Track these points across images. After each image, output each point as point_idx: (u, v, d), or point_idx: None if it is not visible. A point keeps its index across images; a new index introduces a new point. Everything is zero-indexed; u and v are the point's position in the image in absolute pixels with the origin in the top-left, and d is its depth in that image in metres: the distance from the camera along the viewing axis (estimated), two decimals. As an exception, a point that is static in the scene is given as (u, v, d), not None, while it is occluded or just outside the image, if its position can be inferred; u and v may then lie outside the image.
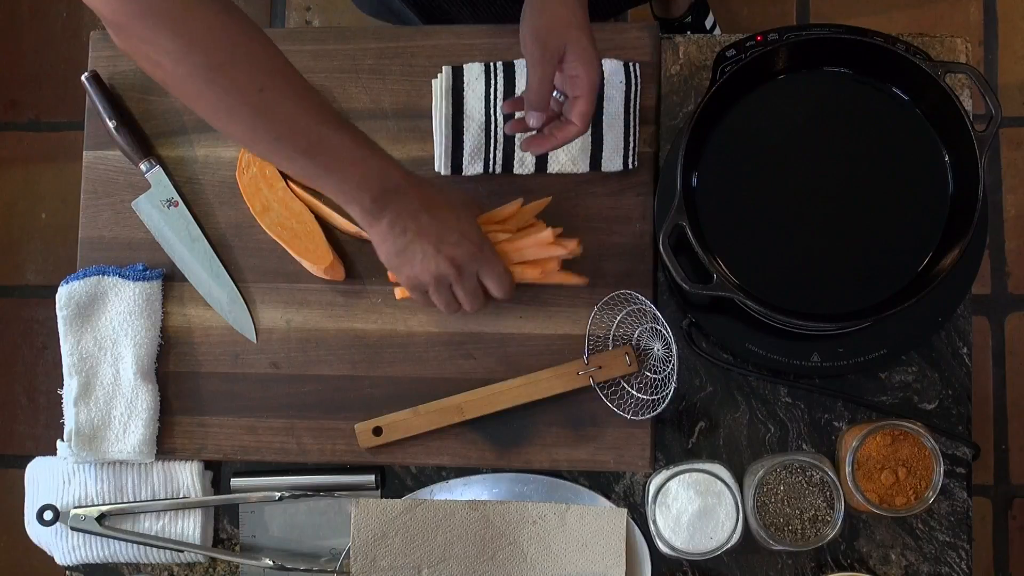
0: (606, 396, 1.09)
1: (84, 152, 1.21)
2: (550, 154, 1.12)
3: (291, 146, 0.94)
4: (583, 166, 1.12)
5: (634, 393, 1.10)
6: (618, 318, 1.10)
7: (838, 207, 1.01)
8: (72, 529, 1.14)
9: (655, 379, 1.09)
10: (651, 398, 1.09)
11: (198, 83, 0.89)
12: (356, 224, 1.05)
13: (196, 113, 0.93)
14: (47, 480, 1.16)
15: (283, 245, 1.14)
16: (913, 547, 1.10)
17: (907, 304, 0.97)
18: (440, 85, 1.14)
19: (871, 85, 1.02)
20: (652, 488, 1.06)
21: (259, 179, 1.15)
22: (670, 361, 1.08)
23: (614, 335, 1.11)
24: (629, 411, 1.09)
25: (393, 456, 1.13)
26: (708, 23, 1.95)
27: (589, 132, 1.12)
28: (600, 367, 1.09)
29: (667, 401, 1.08)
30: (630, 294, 1.10)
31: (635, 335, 1.10)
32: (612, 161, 1.12)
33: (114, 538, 1.14)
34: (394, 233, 0.98)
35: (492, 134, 1.13)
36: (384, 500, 1.12)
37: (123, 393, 1.14)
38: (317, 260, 1.12)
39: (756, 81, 1.03)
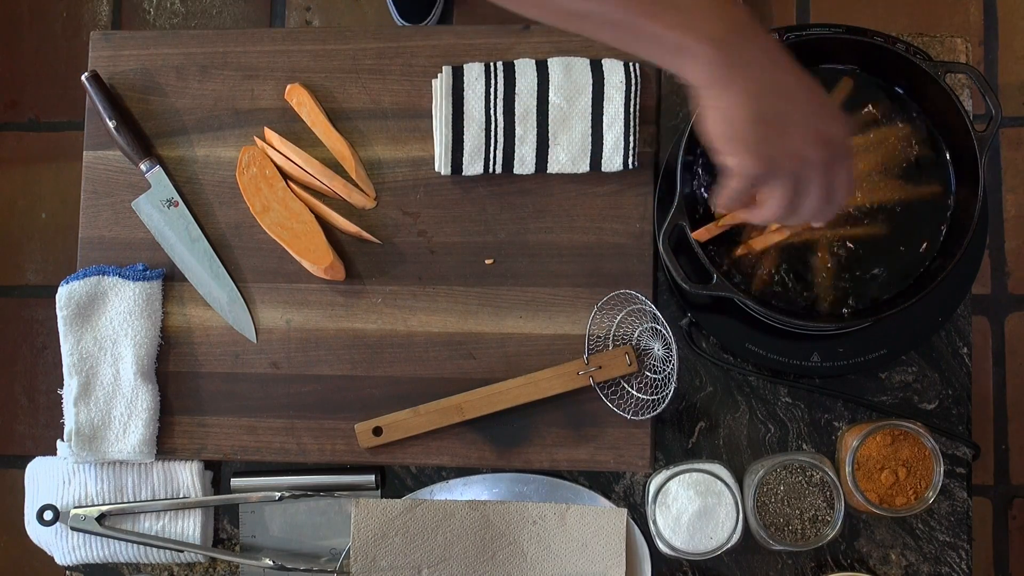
0: (606, 396, 1.09)
1: (84, 152, 1.21)
2: (550, 154, 1.12)
3: None
4: (583, 166, 1.12)
5: (634, 393, 1.10)
6: (618, 318, 1.10)
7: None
8: (72, 529, 1.14)
9: (655, 379, 1.09)
10: (651, 398, 1.09)
11: None
12: (694, 88, 0.76)
13: None
14: (47, 480, 1.16)
15: (283, 245, 1.14)
16: (913, 547, 1.10)
17: (907, 304, 0.97)
18: (440, 85, 1.14)
19: (871, 85, 1.02)
20: (652, 488, 1.06)
21: (259, 179, 1.15)
22: (670, 361, 1.08)
23: (614, 335, 1.11)
24: (629, 411, 1.09)
25: (393, 456, 1.13)
26: None
27: (589, 132, 1.12)
28: (600, 367, 1.09)
29: (667, 401, 1.08)
30: (630, 294, 1.10)
31: (635, 335, 1.10)
32: (612, 161, 1.12)
33: (114, 538, 1.14)
34: (761, 91, 0.73)
35: (492, 134, 1.13)
36: (384, 500, 1.12)
37: (123, 393, 1.14)
38: (317, 260, 1.12)
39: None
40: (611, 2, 0.72)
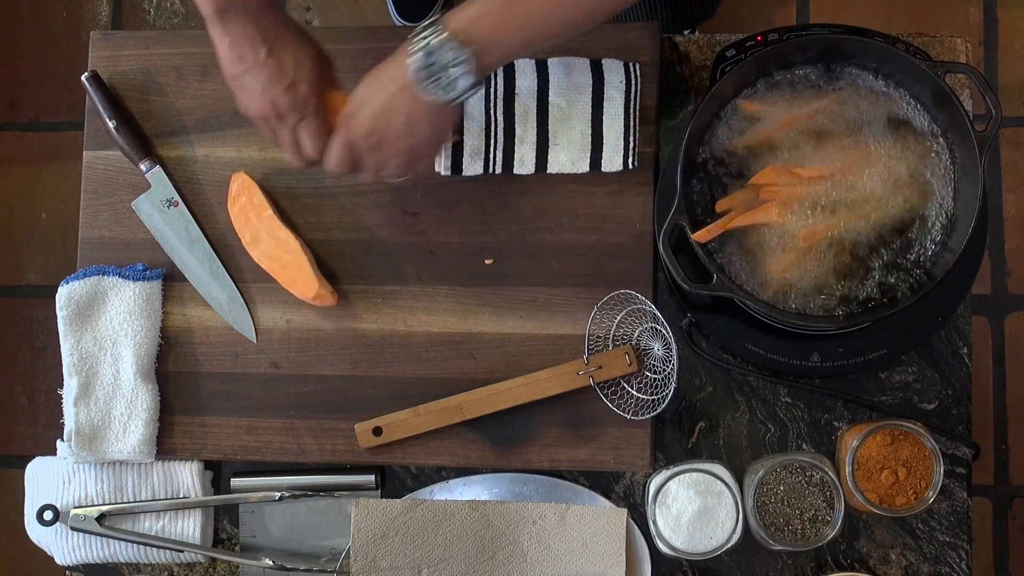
0: (606, 396, 1.09)
1: (84, 152, 1.21)
2: (550, 154, 1.12)
3: None
4: (583, 166, 1.12)
5: (634, 393, 1.10)
6: (618, 318, 1.10)
7: (836, 204, 1.01)
8: (72, 529, 1.14)
9: (655, 379, 1.09)
10: (651, 398, 1.09)
11: None
12: None
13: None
14: (47, 480, 1.16)
15: (273, 276, 1.14)
16: (913, 547, 1.10)
17: (907, 304, 0.97)
18: (440, 85, 1.14)
19: (871, 84, 1.02)
20: (652, 488, 1.06)
21: (248, 208, 1.14)
22: (670, 361, 1.08)
23: (614, 335, 1.11)
24: (629, 411, 1.09)
25: (393, 456, 1.13)
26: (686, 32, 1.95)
27: (589, 132, 1.12)
28: (600, 367, 1.09)
29: (667, 401, 1.08)
30: (630, 294, 1.10)
31: (635, 335, 1.10)
32: (612, 161, 1.12)
33: (114, 538, 1.14)
34: (232, 57, 0.97)
35: (492, 134, 1.13)
36: (384, 500, 1.12)
37: (123, 393, 1.14)
38: (303, 291, 1.12)
39: (756, 81, 1.03)
40: None
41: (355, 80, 1.17)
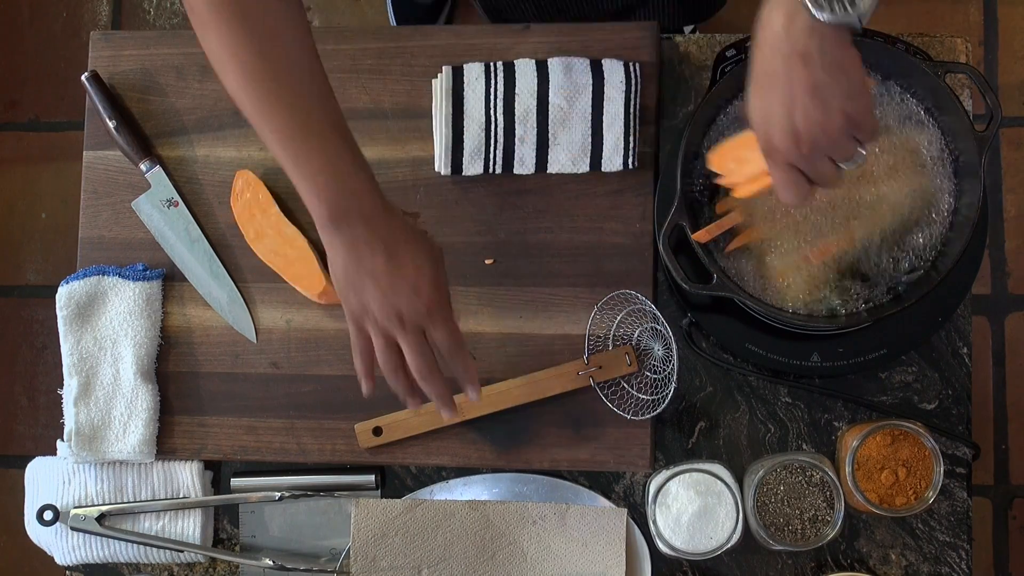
0: (606, 396, 1.09)
1: (84, 152, 1.21)
2: (550, 154, 1.12)
3: (271, 120, 0.89)
4: (583, 166, 1.12)
5: (634, 393, 1.10)
6: (618, 318, 1.10)
7: (837, 206, 1.01)
8: (72, 529, 1.14)
9: (655, 379, 1.09)
10: (651, 398, 1.09)
11: (221, 13, 0.87)
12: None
13: (203, 48, 0.90)
14: (47, 480, 1.16)
15: (278, 272, 1.14)
16: (913, 547, 1.10)
17: (907, 304, 0.97)
18: (440, 85, 1.14)
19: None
20: (652, 488, 1.06)
21: (252, 205, 1.14)
22: (670, 361, 1.08)
23: (614, 335, 1.11)
24: (629, 411, 1.09)
25: (393, 456, 1.13)
26: (687, 27, 1.95)
27: (589, 132, 1.12)
28: (600, 367, 1.09)
29: (667, 401, 1.08)
30: (630, 294, 1.10)
31: (635, 335, 1.10)
32: (612, 161, 1.12)
33: (114, 538, 1.14)
34: (345, 263, 0.91)
35: (492, 134, 1.13)
36: (384, 500, 1.12)
37: (123, 393, 1.14)
38: (310, 287, 1.12)
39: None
40: (272, 138, 0.89)
41: (355, 81, 1.17)
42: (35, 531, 1.16)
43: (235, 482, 1.15)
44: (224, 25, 0.87)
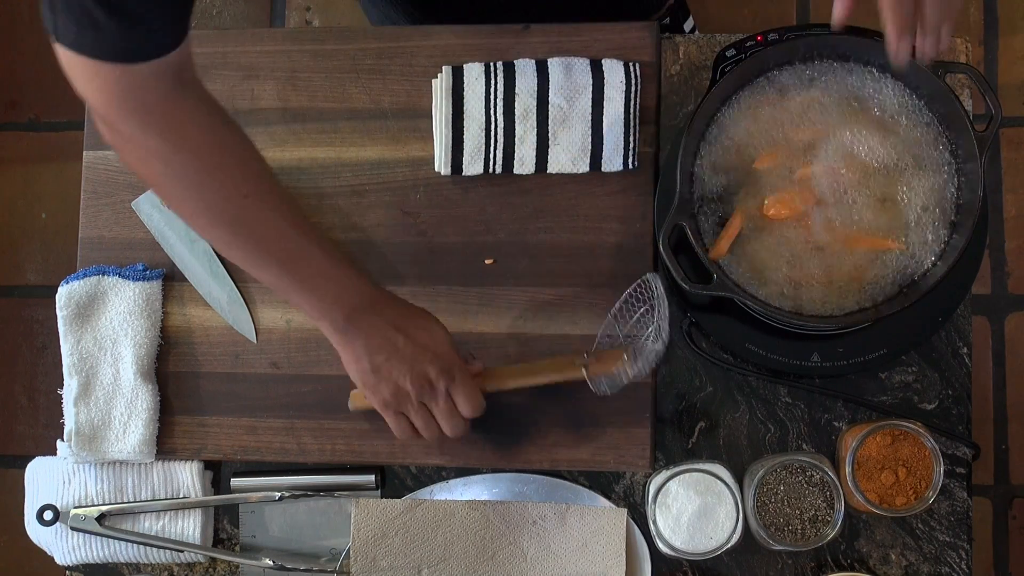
0: (598, 388, 1.05)
1: (84, 152, 1.21)
2: (550, 154, 1.12)
3: (269, 256, 0.95)
4: (583, 166, 1.12)
5: (625, 381, 1.04)
6: (631, 321, 1.06)
7: (837, 205, 1.01)
8: (72, 529, 1.14)
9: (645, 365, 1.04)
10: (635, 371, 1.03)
11: (185, 185, 0.90)
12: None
13: (177, 215, 0.95)
14: (47, 480, 1.16)
15: None
16: (913, 547, 1.10)
17: (907, 304, 0.97)
18: (440, 85, 1.14)
19: (871, 85, 1.02)
20: (652, 488, 1.06)
21: None
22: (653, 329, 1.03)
23: (624, 335, 1.08)
24: (611, 387, 1.04)
25: (393, 456, 1.13)
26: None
27: (589, 132, 1.12)
28: (598, 360, 1.06)
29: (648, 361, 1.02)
30: (647, 283, 1.04)
31: (644, 336, 1.06)
32: (612, 161, 1.12)
33: (114, 538, 1.14)
34: (368, 352, 0.97)
35: (492, 134, 1.13)
36: (384, 500, 1.12)
37: (123, 393, 1.14)
38: None
39: (753, 81, 1.03)
40: (276, 277, 0.97)
41: (355, 80, 1.17)
42: (35, 531, 1.16)
43: (235, 482, 1.15)
44: (202, 186, 0.91)
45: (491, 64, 1.14)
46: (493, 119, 1.13)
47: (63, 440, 1.14)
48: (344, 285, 0.97)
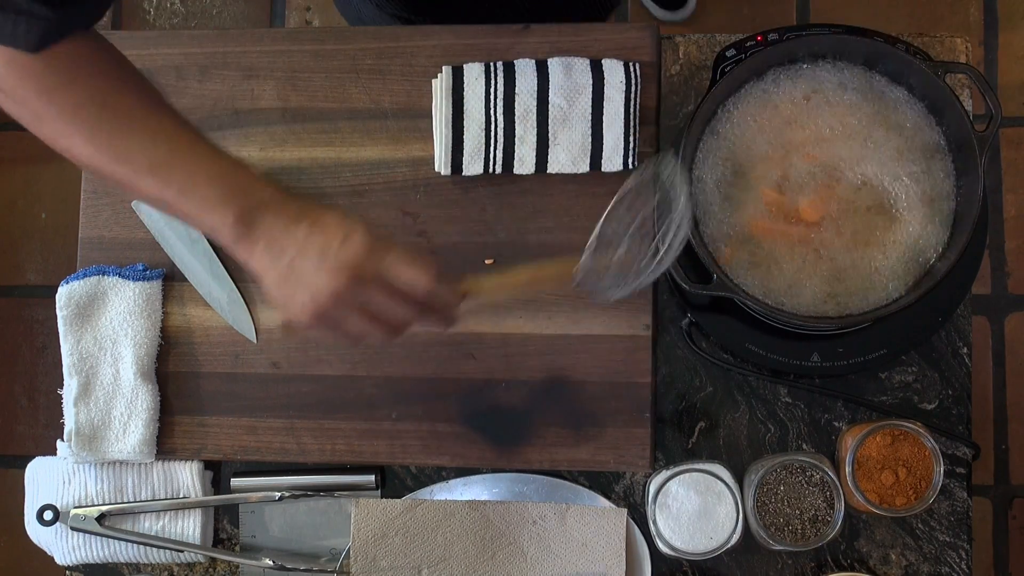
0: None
1: (84, 152, 1.21)
2: (550, 154, 1.12)
3: (136, 165, 0.85)
4: (583, 166, 1.12)
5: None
6: (634, 224, 0.94)
7: (837, 207, 1.01)
8: (72, 529, 1.14)
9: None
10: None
11: (40, 99, 0.85)
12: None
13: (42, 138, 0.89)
14: (47, 480, 1.16)
15: None
16: (913, 547, 1.10)
17: (907, 304, 0.97)
18: (440, 85, 1.14)
19: (871, 85, 1.02)
20: (652, 488, 1.06)
21: None
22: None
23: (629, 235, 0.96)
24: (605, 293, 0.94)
25: (393, 456, 1.13)
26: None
27: (589, 132, 1.12)
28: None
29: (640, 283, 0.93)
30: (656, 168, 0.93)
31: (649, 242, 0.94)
32: (612, 161, 1.12)
33: (114, 538, 1.14)
34: (272, 257, 0.83)
35: (492, 134, 1.13)
36: (384, 500, 1.12)
37: (123, 393, 1.14)
38: None
39: (753, 81, 1.03)
40: (152, 189, 0.85)
41: (355, 80, 1.17)
42: (35, 531, 1.16)
43: (235, 482, 1.15)
44: (53, 97, 0.85)
45: (491, 64, 1.14)
46: (493, 119, 1.13)
47: (63, 440, 1.14)
48: (229, 184, 0.84)
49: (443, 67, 1.14)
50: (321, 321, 0.84)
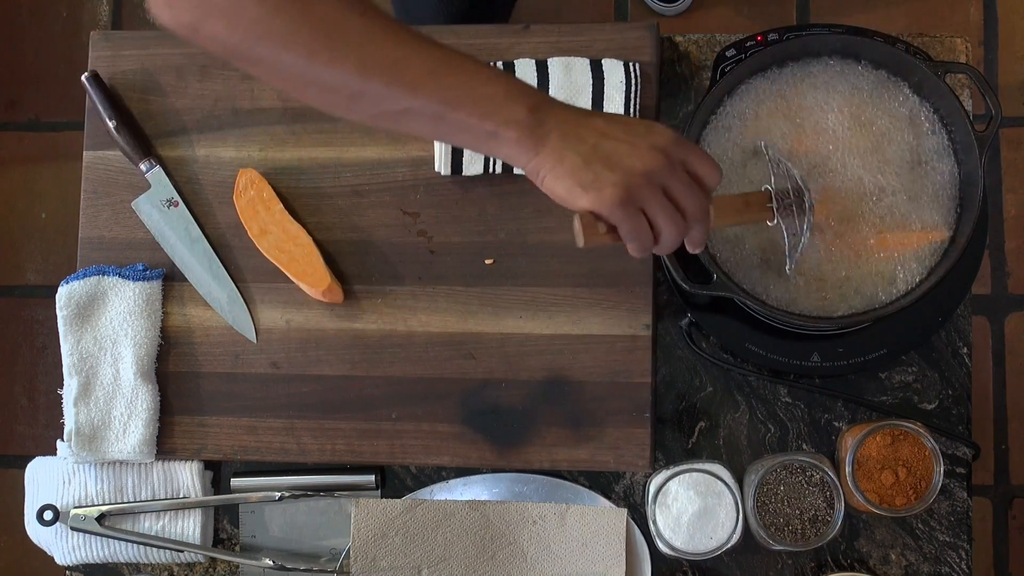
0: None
1: (84, 152, 1.21)
2: (550, 154, 1.12)
3: (412, 73, 0.80)
4: (583, 166, 1.12)
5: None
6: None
7: (837, 207, 1.01)
8: (72, 529, 1.14)
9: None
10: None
11: (285, 20, 0.78)
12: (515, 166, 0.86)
13: (270, 79, 0.83)
14: (47, 480, 1.16)
15: (281, 269, 1.13)
16: (913, 547, 1.10)
17: (907, 304, 0.97)
18: (440, 85, 1.14)
19: (871, 85, 1.02)
20: (652, 488, 1.06)
21: (256, 202, 1.14)
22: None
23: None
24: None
25: (393, 456, 1.13)
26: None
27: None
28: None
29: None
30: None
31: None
32: (612, 161, 1.12)
33: (114, 538, 1.14)
34: (570, 144, 0.80)
35: (492, 134, 1.13)
36: (384, 500, 1.12)
37: (123, 393, 1.14)
38: (315, 283, 1.12)
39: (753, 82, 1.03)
40: (428, 98, 0.80)
41: (355, 80, 1.17)
42: (35, 531, 1.16)
43: (235, 482, 1.15)
44: (304, 14, 0.79)
45: (491, 64, 1.14)
46: (493, 119, 1.13)
47: (63, 440, 1.14)
48: (508, 83, 0.81)
49: (443, 67, 1.14)
50: (631, 199, 0.80)
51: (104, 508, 1.14)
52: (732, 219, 0.95)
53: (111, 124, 1.17)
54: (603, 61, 1.13)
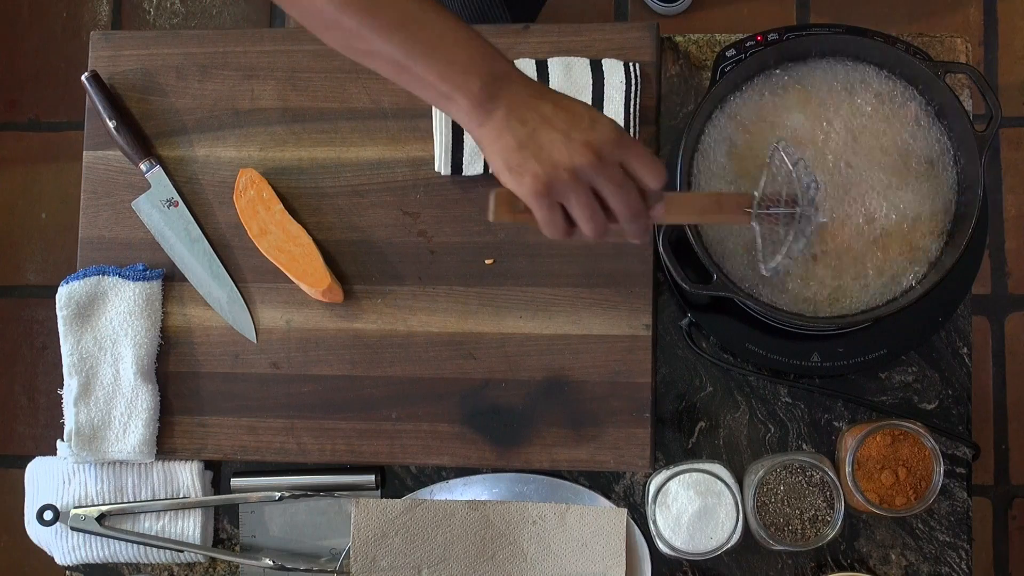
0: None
1: (84, 152, 1.21)
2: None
3: (386, 18, 0.82)
4: (583, 166, 1.12)
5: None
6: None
7: (837, 207, 1.01)
8: (72, 529, 1.14)
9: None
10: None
11: None
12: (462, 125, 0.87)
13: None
14: (47, 480, 1.16)
15: (281, 269, 1.13)
16: (913, 547, 1.10)
17: (907, 304, 0.97)
18: (440, 85, 1.14)
19: (871, 85, 1.02)
20: (652, 488, 1.06)
21: (256, 202, 1.14)
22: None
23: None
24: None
25: (393, 456, 1.13)
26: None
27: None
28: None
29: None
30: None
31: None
32: (612, 161, 1.12)
33: (114, 538, 1.14)
34: (511, 125, 0.82)
35: (492, 134, 1.13)
36: (384, 500, 1.12)
37: (123, 393, 1.14)
38: (315, 283, 1.12)
39: (753, 81, 1.03)
40: (395, 46, 0.83)
41: (355, 80, 1.17)
42: (35, 531, 1.16)
43: (235, 482, 1.15)
44: None
45: (491, 64, 1.14)
46: (493, 119, 1.13)
47: (63, 440, 1.14)
48: (476, 50, 0.83)
49: (443, 67, 1.14)
50: (550, 193, 0.82)
51: (104, 508, 1.14)
52: (692, 218, 0.94)
53: (111, 124, 1.17)
54: (603, 61, 1.13)
